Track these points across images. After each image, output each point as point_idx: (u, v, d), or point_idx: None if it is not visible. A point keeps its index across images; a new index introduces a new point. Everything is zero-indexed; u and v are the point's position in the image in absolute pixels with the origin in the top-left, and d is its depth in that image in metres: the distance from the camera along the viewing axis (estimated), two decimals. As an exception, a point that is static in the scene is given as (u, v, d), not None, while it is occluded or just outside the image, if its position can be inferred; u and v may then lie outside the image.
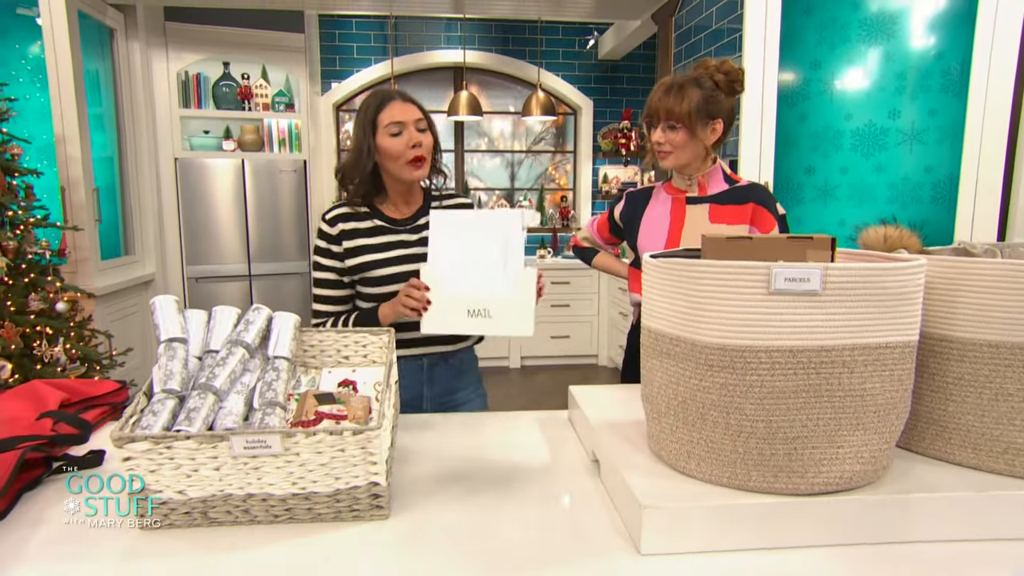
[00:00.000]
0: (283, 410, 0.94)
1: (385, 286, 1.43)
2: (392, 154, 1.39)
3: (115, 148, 4.00)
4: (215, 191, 4.48)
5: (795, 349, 0.81)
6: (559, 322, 5.04)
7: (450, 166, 5.53)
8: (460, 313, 1.27)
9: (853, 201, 2.52)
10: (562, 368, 5.04)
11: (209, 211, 4.48)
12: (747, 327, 0.82)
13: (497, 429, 1.29)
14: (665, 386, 0.93)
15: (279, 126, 4.68)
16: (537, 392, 4.41)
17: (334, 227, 1.44)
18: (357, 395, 1.05)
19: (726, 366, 0.83)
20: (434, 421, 1.34)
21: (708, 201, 1.57)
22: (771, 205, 1.52)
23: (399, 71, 5.09)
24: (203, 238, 4.48)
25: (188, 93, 4.44)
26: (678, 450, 0.91)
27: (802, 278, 0.80)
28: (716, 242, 0.90)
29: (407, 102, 1.41)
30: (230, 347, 0.96)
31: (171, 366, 0.91)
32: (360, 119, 1.41)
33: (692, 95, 1.49)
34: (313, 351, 1.12)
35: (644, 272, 0.99)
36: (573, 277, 4.99)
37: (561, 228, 5.50)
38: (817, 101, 2.56)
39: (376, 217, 1.46)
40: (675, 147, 1.53)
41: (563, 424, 1.33)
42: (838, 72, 2.51)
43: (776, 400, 0.82)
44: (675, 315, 0.90)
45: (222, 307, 1.02)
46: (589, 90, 5.45)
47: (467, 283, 1.27)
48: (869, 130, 2.48)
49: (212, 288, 4.56)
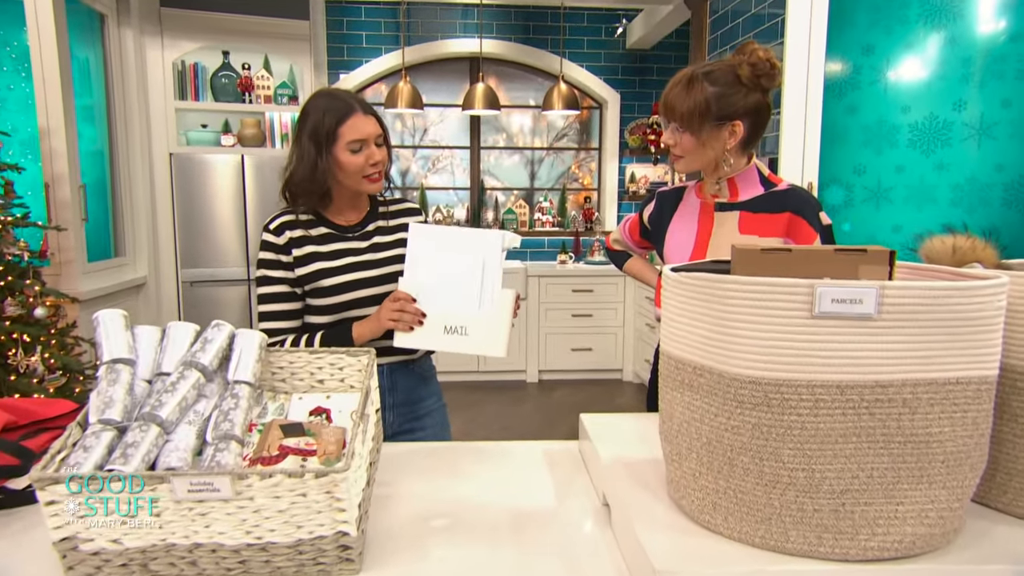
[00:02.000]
0: (240, 445, 0.87)
1: (335, 296, 1.44)
2: (350, 170, 1.41)
3: (106, 142, 4.02)
4: (213, 189, 4.48)
5: (844, 384, 0.73)
6: (581, 333, 4.96)
7: (465, 164, 5.52)
8: (437, 329, 1.34)
9: (910, 204, 2.40)
10: (583, 383, 4.95)
11: (206, 210, 4.47)
12: (786, 357, 0.73)
13: (497, 462, 1.24)
14: (687, 424, 0.85)
15: (282, 120, 4.68)
16: (554, 410, 4.32)
17: (281, 236, 1.44)
18: (330, 426, 0.98)
19: (760, 403, 0.75)
20: (424, 450, 1.28)
21: (739, 208, 1.47)
22: (812, 214, 1.41)
23: (411, 61, 5.06)
24: (199, 239, 4.48)
25: (184, 84, 4.46)
26: (701, 500, 0.83)
27: (853, 299, 0.71)
28: (749, 254, 0.81)
29: (368, 114, 1.43)
30: (183, 370, 0.90)
31: (112, 392, 0.85)
32: (314, 129, 1.40)
33: (698, 92, 1.38)
34: (283, 374, 1.06)
35: (664, 287, 0.91)
36: (596, 284, 4.91)
37: (584, 231, 5.42)
38: (869, 91, 2.45)
39: (323, 224, 1.48)
40: (684, 151, 1.45)
41: (573, 458, 1.27)
42: (894, 59, 2.40)
43: (820, 445, 0.74)
44: (699, 340, 0.82)
45: (177, 323, 0.96)
46: (616, 82, 5.37)
47: (446, 299, 1.34)
48: (930, 124, 2.36)
49: (208, 293, 4.55)
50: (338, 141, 1.39)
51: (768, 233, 1.43)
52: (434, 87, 5.38)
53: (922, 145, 2.37)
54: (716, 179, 1.49)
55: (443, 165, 5.59)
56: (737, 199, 1.48)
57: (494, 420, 4.15)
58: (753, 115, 1.41)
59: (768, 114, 1.45)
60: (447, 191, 5.57)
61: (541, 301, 4.91)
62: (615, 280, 4.92)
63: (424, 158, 5.56)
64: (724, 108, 1.39)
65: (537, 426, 4.05)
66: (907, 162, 2.42)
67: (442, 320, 1.33)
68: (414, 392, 1.55)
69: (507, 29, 5.22)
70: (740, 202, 1.48)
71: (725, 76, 1.40)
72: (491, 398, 4.58)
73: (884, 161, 2.46)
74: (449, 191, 5.58)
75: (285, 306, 1.45)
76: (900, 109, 2.41)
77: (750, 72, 1.39)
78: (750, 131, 1.43)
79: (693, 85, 1.40)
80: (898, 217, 2.45)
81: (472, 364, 4.89)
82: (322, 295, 1.44)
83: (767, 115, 1.45)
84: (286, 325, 1.46)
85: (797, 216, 1.41)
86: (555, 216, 5.51)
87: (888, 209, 2.46)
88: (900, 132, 2.41)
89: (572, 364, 5.00)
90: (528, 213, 5.51)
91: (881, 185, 2.47)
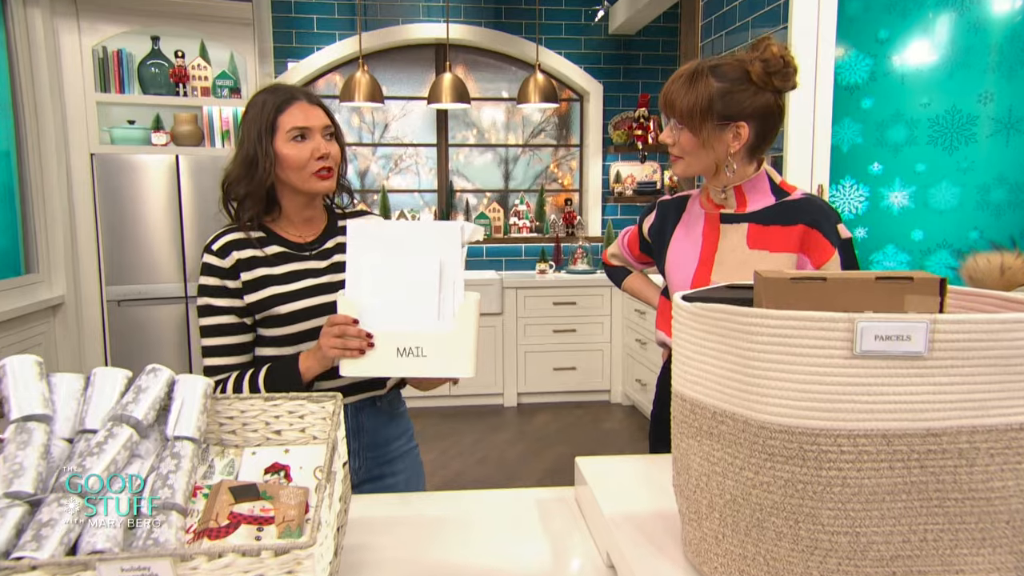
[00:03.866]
0: (182, 515, 0.82)
1: (292, 325, 1.40)
2: (294, 163, 1.38)
3: (12, 141, 3.89)
4: (143, 194, 4.38)
5: (891, 433, 0.71)
6: (564, 351, 4.94)
7: (432, 163, 5.48)
8: (388, 352, 1.23)
9: (931, 210, 2.42)
10: (567, 407, 4.94)
11: (135, 219, 4.37)
12: (823, 402, 0.72)
13: (483, 516, 1.20)
14: (706, 478, 0.82)
15: (222, 115, 4.59)
16: (537, 439, 4.29)
17: (226, 258, 1.39)
18: (290, 486, 0.93)
19: (793, 455, 0.73)
20: (397, 503, 1.25)
21: (747, 220, 1.47)
22: (829, 227, 1.41)
23: (369, 49, 5.01)
24: (128, 252, 4.38)
25: (107, 74, 4.34)
26: (726, 566, 0.81)
27: (900, 335, 0.70)
28: (776, 283, 0.79)
29: (313, 104, 1.41)
30: (111, 426, 0.84)
31: (22, 457, 0.79)
32: (252, 121, 1.38)
33: (701, 87, 1.39)
34: (232, 424, 1.00)
35: (675, 318, 0.88)
36: (580, 296, 4.91)
37: (565, 237, 5.42)
38: (884, 83, 2.47)
39: (275, 242, 1.44)
40: (683, 151, 1.45)
41: (569, 508, 1.25)
42: (911, 46, 2.43)
43: (865, 504, 0.72)
44: (719, 381, 0.80)
45: (104, 369, 0.90)
46: (598, 71, 5.39)
47: (396, 314, 1.24)
48: (951, 118, 2.39)
49: (139, 313, 4.44)
50: (278, 131, 1.37)
51: (779, 248, 1.42)
52: (396, 78, 5.34)
53: (944, 142, 2.40)
54: (720, 187, 1.48)
55: (407, 165, 5.54)
56: (745, 209, 1.48)
57: (469, 451, 4.10)
58: (761, 118, 1.41)
59: (779, 119, 1.44)
60: (411, 194, 5.53)
61: (519, 316, 4.89)
62: (601, 291, 4.92)
63: (385, 157, 5.51)
64: (729, 106, 1.39)
65: (518, 457, 4.01)
66: (927, 160, 2.44)
67: (393, 341, 1.23)
68: (382, 432, 1.51)
69: (477, 12, 5.21)
70: (748, 213, 1.47)
71: (733, 72, 1.40)
72: (465, 426, 4.54)
73: (902, 160, 2.48)
74: (414, 193, 5.53)
75: (232, 339, 1.40)
76: (919, 103, 2.43)
77: (761, 69, 1.38)
78: (757, 135, 1.42)
79: (697, 79, 1.40)
80: (918, 223, 2.47)
81: (442, 388, 4.83)
82: (276, 324, 1.39)
83: (778, 119, 1.44)
84: (233, 361, 1.40)
85: (812, 229, 1.40)
86: (533, 220, 5.49)
87: (907, 216, 2.48)
88: (919, 127, 2.43)
89: (554, 385, 4.98)
90: (503, 217, 5.49)
91: (899, 186, 2.49)
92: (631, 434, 4.39)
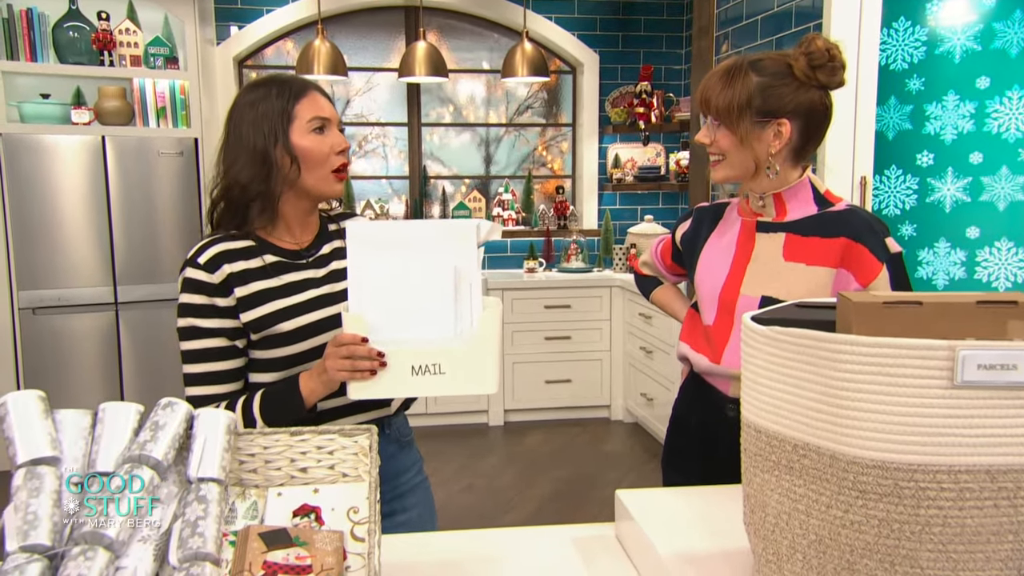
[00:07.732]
0: (216, 566, 0.86)
1: (294, 344, 1.42)
2: (315, 157, 1.42)
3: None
4: (61, 182, 4.34)
5: (995, 469, 0.76)
6: (557, 361, 5.00)
7: (402, 145, 5.50)
8: (402, 371, 1.25)
9: (1004, 219, 2.47)
10: (562, 424, 5.00)
11: (53, 211, 4.33)
12: (920, 435, 0.77)
13: (517, 559, 1.24)
14: (787, 516, 0.88)
15: (156, 89, 4.56)
16: (529, 462, 4.35)
17: (216, 272, 1.40)
18: (322, 530, 0.97)
19: (888, 492, 0.78)
20: (417, 545, 1.27)
21: (785, 230, 1.55)
22: (875, 241, 1.48)
23: (328, 12, 5.01)
24: (44, 250, 4.34)
25: (14, 38, 4.27)
26: (812, 612, 0.86)
27: (1005, 364, 0.75)
28: (866, 307, 0.85)
29: (324, 96, 1.48)
30: (130, 468, 0.88)
31: (35, 506, 0.82)
32: (260, 115, 1.41)
33: (739, 81, 1.48)
34: (253, 462, 1.04)
35: (746, 342, 0.94)
36: (575, 298, 4.96)
37: (557, 230, 5.47)
38: (939, 75, 2.53)
39: (267, 251, 1.46)
40: (721, 150, 1.54)
41: (611, 547, 1.29)
42: (972, 32, 2.47)
43: (968, 546, 0.77)
44: (802, 412, 0.85)
45: (113, 404, 0.94)
46: (594, 40, 5.44)
47: (408, 328, 1.25)
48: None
49: (58, 322, 4.41)
50: (295, 121, 1.40)
51: (817, 261, 1.50)
52: (359, 45, 5.34)
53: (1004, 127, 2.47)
54: (760, 194, 1.56)
55: (372, 147, 5.55)
56: (784, 218, 1.56)
57: (454, 479, 4.14)
58: (805, 115, 1.49)
59: (826, 118, 1.53)
60: (378, 180, 5.54)
61: (506, 321, 4.93)
62: (598, 292, 4.98)
63: (348, 138, 5.51)
64: (769, 102, 1.47)
65: (510, 483, 4.07)
66: (991, 171, 2.50)
67: (407, 358, 1.24)
68: (393, 463, 1.54)
69: (453, -30, 5.24)
70: (787, 222, 1.55)
71: (775, 66, 1.48)
72: (446, 449, 4.57)
73: (955, 148, 2.55)
74: (381, 180, 5.54)
75: (221, 365, 1.41)
76: (981, 89, 2.48)
77: (805, 63, 1.47)
78: (801, 135, 1.50)
79: (736, 74, 1.49)
80: (981, 233, 2.54)
81: (418, 405, 4.86)
82: (276, 344, 1.42)
83: (824, 119, 1.53)
84: (222, 390, 1.42)
85: (856, 243, 1.48)
86: (519, 211, 5.54)
87: (964, 222, 2.54)
88: (984, 120, 2.50)
89: (547, 401, 5.03)
90: (485, 208, 5.53)
91: (955, 200, 2.55)
92: (636, 456, 4.46)
